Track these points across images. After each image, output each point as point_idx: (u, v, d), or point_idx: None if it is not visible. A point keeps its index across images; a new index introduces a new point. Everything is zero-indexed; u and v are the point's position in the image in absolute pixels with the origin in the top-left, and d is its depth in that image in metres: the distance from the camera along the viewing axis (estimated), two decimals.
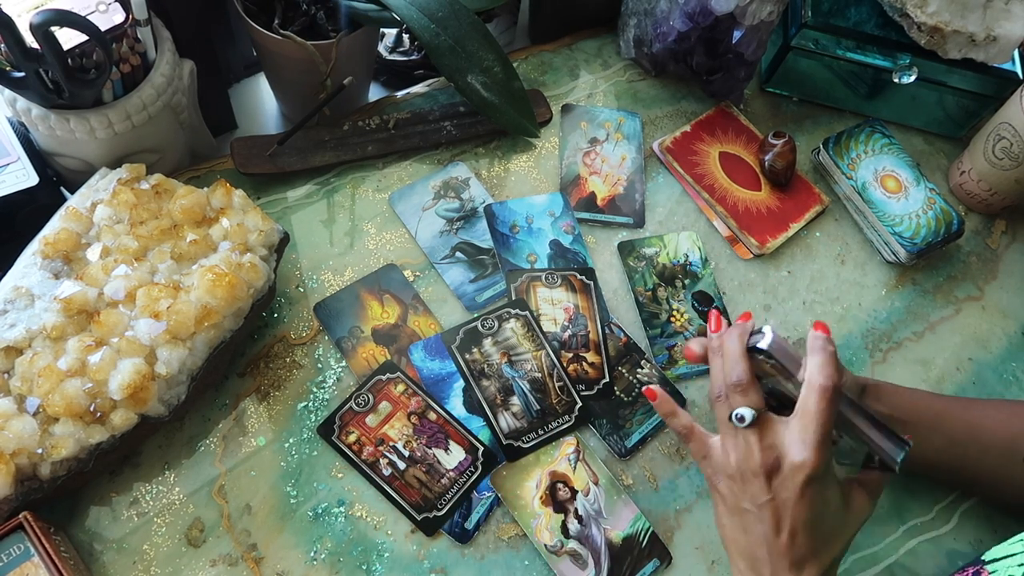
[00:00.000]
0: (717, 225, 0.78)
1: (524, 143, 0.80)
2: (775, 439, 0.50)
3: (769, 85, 0.87)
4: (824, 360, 0.50)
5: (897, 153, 0.81)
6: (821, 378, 0.49)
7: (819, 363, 0.50)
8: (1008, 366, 0.75)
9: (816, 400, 0.49)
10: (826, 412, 0.49)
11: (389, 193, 0.75)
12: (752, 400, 0.51)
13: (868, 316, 0.76)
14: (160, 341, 0.56)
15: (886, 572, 0.64)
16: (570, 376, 0.67)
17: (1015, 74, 0.79)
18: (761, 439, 0.50)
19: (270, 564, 0.58)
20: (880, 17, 0.79)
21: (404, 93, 0.82)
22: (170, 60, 0.65)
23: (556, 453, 0.64)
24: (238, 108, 0.84)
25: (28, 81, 0.58)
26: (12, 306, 0.57)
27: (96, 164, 0.65)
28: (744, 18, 0.73)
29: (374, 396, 0.64)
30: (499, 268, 0.72)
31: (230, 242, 0.61)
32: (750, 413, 0.50)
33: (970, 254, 0.81)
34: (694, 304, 0.73)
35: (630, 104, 0.84)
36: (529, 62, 0.86)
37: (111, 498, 0.59)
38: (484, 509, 0.61)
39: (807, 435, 0.48)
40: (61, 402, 0.53)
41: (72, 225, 0.60)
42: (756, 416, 0.50)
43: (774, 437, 0.50)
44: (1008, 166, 0.77)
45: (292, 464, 0.62)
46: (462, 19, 0.72)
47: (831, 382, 0.49)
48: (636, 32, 0.83)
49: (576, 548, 0.60)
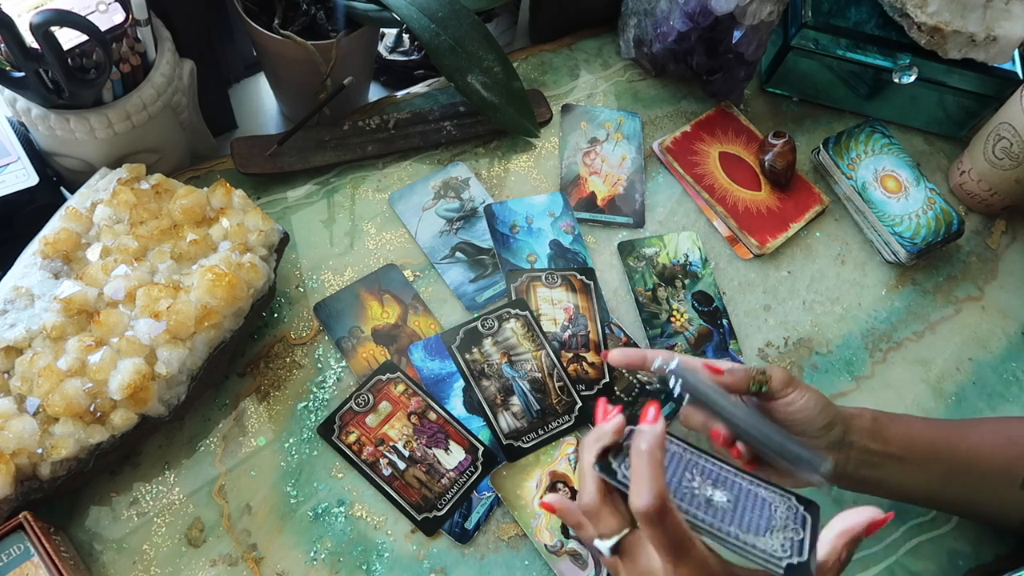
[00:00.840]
0: (717, 225, 0.78)
1: (524, 143, 0.80)
2: (646, 562, 0.43)
3: (769, 85, 0.87)
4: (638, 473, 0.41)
5: (897, 153, 0.81)
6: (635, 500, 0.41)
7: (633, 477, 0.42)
8: (1008, 366, 0.75)
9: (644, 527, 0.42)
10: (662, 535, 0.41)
11: (389, 193, 0.75)
12: (608, 526, 0.45)
13: (868, 316, 0.76)
14: (160, 341, 0.56)
15: (886, 572, 0.64)
16: (570, 376, 0.67)
17: (1015, 74, 0.79)
18: (633, 567, 0.44)
19: (270, 564, 0.58)
20: (880, 17, 0.79)
21: (404, 93, 0.82)
22: (170, 60, 0.65)
23: (556, 453, 0.64)
24: (238, 108, 0.84)
25: (28, 81, 0.58)
26: (12, 306, 0.57)
27: (96, 164, 0.65)
28: (744, 18, 0.73)
29: (374, 396, 0.64)
30: (499, 268, 0.72)
31: (230, 242, 0.61)
32: (606, 545, 0.44)
33: (970, 254, 0.81)
34: (694, 304, 0.73)
35: (630, 104, 0.84)
36: (529, 62, 0.86)
37: (111, 498, 0.59)
38: (484, 509, 0.61)
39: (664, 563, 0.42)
40: (61, 402, 0.53)
41: (72, 225, 0.60)
42: (616, 544, 0.44)
43: (646, 560, 0.43)
44: (1008, 166, 0.77)
45: (292, 464, 0.62)
46: (462, 19, 0.72)
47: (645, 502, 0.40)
48: (636, 32, 0.83)
49: (576, 548, 0.60)
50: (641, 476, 0.41)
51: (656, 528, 0.41)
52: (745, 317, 0.74)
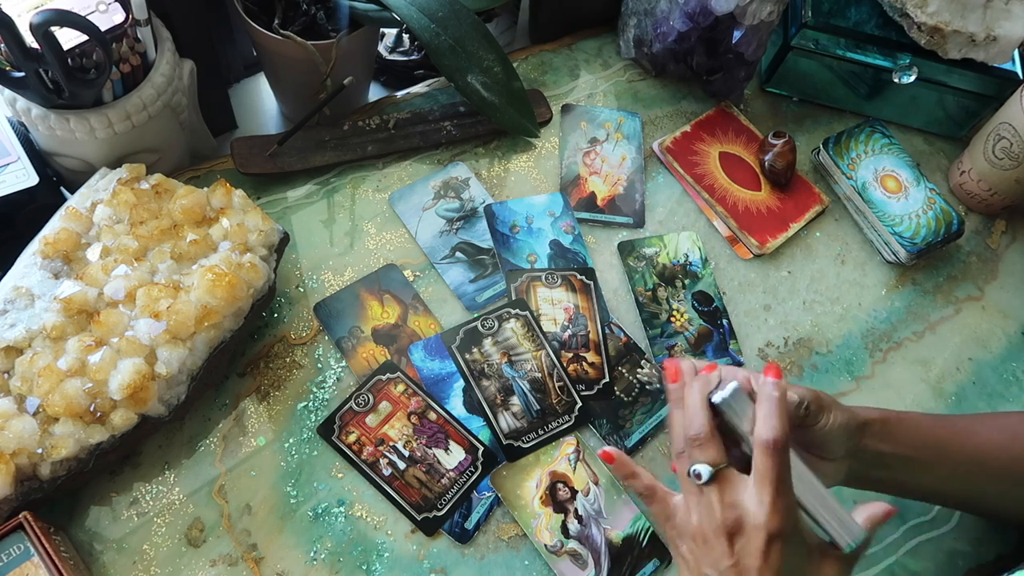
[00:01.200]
0: (717, 225, 0.78)
1: (524, 143, 0.80)
2: (736, 497, 0.46)
3: (769, 85, 0.87)
4: (768, 411, 0.47)
5: (897, 153, 0.81)
6: (764, 431, 0.46)
7: (763, 415, 0.47)
8: (1008, 366, 0.75)
9: (761, 457, 0.46)
10: (775, 468, 0.45)
11: (389, 193, 0.75)
12: (710, 455, 0.48)
13: (868, 316, 0.76)
14: (160, 341, 0.56)
15: (886, 572, 0.64)
16: (570, 376, 0.67)
17: (1015, 74, 0.79)
18: (722, 498, 0.46)
19: (270, 564, 0.58)
20: (880, 17, 0.79)
21: (404, 93, 0.82)
22: (170, 60, 0.65)
23: (556, 453, 0.64)
24: (238, 108, 0.84)
25: (28, 81, 0.58)
26: (12, 306, 0.57)
27: (96, 164, 0.65)
28: (744, 18, 0.73)
29: (374, 396, 0.64)
30: (499, 268, 0.72)
31: (230, 242, 0.61)
32: (707, 470, 0.47)
33: (970, 254, 0.81)
34: (694, 304, 0.73)
35: (630, 104, 0.84)
36: (529, 62, 0.86)
37: (111, 498, 0.59)
38: (484, 509, 0.61)
39: (763, 495, 0.45)
40: (61, 402, 0.53)
41: (72, 225, 0.60)
42: (714, 473, 0.47)
43: (735, 495, 0.46)
44: (1008, 166, 0.77)
45: (292, 464, 0.62)
46: (462, 19, 0.72)
47: (774, 435, 0.46)
48: (636, 32, 0.83)
49: (576, 548, 0.60)
50: (771, 413, 0.46)
51: (774, 459, 0.45)
52: (745, 317, 0.74)
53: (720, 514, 0.46)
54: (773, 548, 0.45)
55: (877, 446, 0.56)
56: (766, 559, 0.45)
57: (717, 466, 0.47)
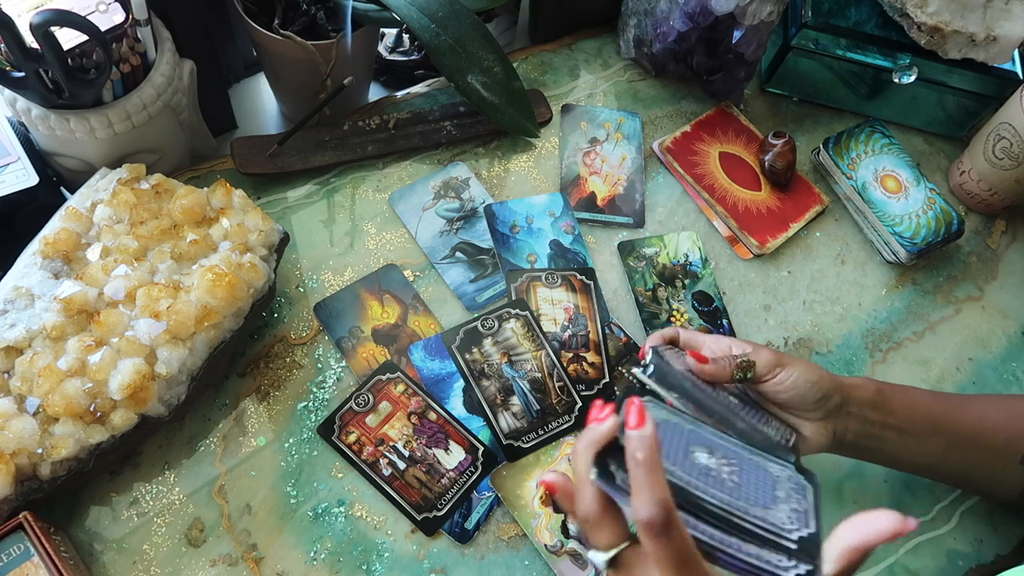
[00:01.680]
0: (717, 225, 0.78)
1: (524, 143, 0.80)
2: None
3: (769, 85, 0.87)
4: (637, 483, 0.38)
5: (897, 153, 0.81)
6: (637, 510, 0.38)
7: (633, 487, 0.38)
8: (1008, 366, 0.75)
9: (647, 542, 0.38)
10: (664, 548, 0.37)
11: (389, 193, 0.75)
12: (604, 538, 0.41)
13: (868, 316, 0.76)
14: (160, 341, 0.56)
15: (886, 572, 0.64)
16: (570, 376, 0.67)
17: (1015, 74, 0.79)
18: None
19: (270, 564, 0.58)
20: (880, 17, 0.79)
21: (404, 93, 0.82)
22: (170, 60, 0.65)
23: (556, 453, 0.64)
24: (238, 108, 0.84)
25: (28, 81, 0.58)
26: (12, 306, 0.57)
27: (96, 164, 0.65)
28: (744, 18, 0.73)
29: (374, 396, 0.64)
30: (499, 268, 0.72)
31: (230, 242, 0.61)
32: (601, 559, 0.41)
33: (970, 254, 0.81)
34: (694, 304, 0.73)
35: (630, 104, 0.84)
36: (529, 62, 0.86)
37: (111, 498, 0.59)
38: (484, 509, 0.61)
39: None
40: (61, 402, 0.53)
41: (72, 225, 0.60)
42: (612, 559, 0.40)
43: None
44: (1008, 166, 0.77)
45: (292, 464, 0.62)
46: (462, 19, 0.72)
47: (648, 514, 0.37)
48: (636, 32, 0.83)
49: (576, 548, 0.60)
50: (641, 485, 0.37)
51: (659, 540, 0.37)
52: (745, 317, 0.74)
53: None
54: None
55: (867, 413, 0.56)
56: None
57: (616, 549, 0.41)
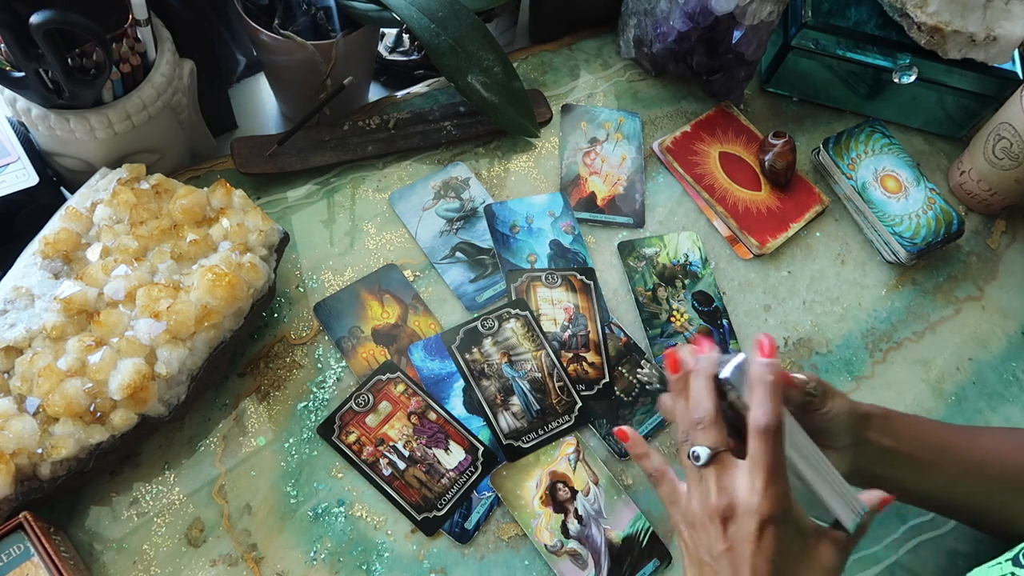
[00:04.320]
0: (717, 225, 0.78)
1: (524, 143, 0.80)
2: (731, 482, 0.46)
3: (769, 85, 0.87)
4: (762, 395, 0.46)
5: (897, 153, 0.81)
6: (758, 416, 0.46)
7: (757, 399, 0.46)
8: (1008, 366, 0.75)
9: (755, 442, 0.45)
10: (768, 454, 0.45)
11: (389, 193, 0.75)
12: (711, 438, 0.47)
13: (868, 316, 0.76)
14: (160, 341, 0.56)
15: (886, 572, 0.64)
16: (570, 376, 0.67)
17: (1015, 74, 0.79)
18: (718, 482, 0.46)
19: (270, 564, 0.58)
20: (880, 17, 0.79)
21: (404, 93, 0.82)
22: (170, 60, 0.65)
23: (556, 453, 0.64)
24: (238, 108, 0.84)
25: (28, 81, 0.58)
26: (12, 306, 0.57)
27: (96, 164, 0.65)
28: (744, 18, 0.73)
29: (374, 396, 0.64)
30: (499, 268, 0.72)
31: (230, 242, 0.61)
32: (705, 452, 0.47)
33: (970, 254, 0.81)
34: (694, 304, 0.73)
35: (630, 104, 0.84)
36: (529, 62, 0.86)
37: (111, 498, 0.59)
38: (484, 509, 0.61)
39: (756, 480, 0.45)
40: (61, 402, 0.53)
41: (72, 225, 0.60)
42: (712, 455, 0.47)
43: (731, 480, 0.46)
44: (1008, 166, 0.77)
45: (292, 464, 0.62)
46: (462, 19, 0.72)
47: (767, 420, 0.45)
48: (636, 32, 0.83)
49: (576, 548, 0.60)
50: (765, 398, 0.46)
51: (767, 445, 0.45)
52: (745, 317, 0.74)
53: (715, 498, 0.46)
54: (766, 533, 0.45)
55: (880, 440, 0.56)
56: (759, 544, 0.45)
57: (716, 449, 0.47)
